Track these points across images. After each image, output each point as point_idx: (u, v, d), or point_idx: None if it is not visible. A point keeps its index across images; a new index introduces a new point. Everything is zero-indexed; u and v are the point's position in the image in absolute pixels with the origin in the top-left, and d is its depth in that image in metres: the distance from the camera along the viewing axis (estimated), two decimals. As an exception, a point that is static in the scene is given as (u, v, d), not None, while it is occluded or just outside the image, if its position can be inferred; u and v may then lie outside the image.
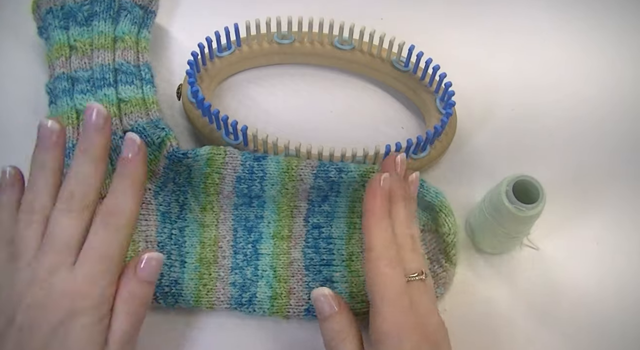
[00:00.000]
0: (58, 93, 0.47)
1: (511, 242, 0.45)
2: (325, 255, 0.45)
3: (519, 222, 0.40)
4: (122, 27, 0.49)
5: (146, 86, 0.48)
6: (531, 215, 0.39)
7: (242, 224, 0.46)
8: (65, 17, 0.49)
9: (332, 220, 0.46)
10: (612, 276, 0.46)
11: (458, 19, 0.57)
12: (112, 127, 0.43)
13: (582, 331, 0.44)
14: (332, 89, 0.53)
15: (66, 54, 0.48)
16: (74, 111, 0.46)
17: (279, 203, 0.46)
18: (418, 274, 0.38)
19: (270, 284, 0.44)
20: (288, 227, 0.46)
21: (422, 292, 0.37)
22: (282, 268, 0.45)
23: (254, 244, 0.45)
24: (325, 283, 0.44)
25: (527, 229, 0.43)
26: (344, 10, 0.51)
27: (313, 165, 0.45)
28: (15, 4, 0.54)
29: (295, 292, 0.44)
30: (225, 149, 0.45)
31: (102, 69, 0.47)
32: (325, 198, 0.46)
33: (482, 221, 0.43)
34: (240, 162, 0.45)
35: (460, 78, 0.48)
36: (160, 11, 0.53)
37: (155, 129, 0.45)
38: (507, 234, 0.42)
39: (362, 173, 0.44)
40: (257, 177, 0.45)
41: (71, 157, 0.39)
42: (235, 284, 0.44)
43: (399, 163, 0.42)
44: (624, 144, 0.51)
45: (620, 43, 0.56)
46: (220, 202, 0.46)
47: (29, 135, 0.48)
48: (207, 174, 0.45)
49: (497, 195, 0.40)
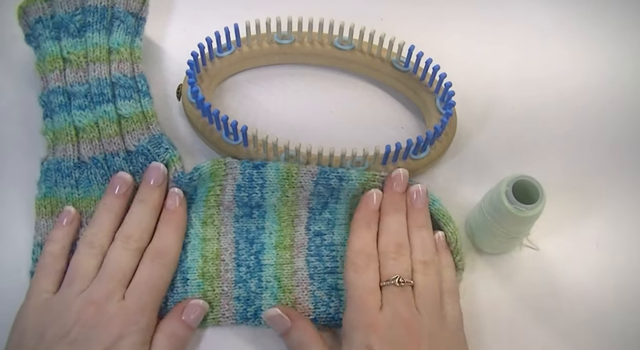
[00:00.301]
0: (54, 107, 0.47)
1: (511, 242, 0.45)
2: (329, 263, 0.45)
3: (519, 222, 0.40)
4: (117, 37, 0.48)
5: (144, 99, 0.48)
6: (531, 215, 0.39)
7: (244, 235, 0.45)
8: (57, 28, 0.48)
9: (333, 227, 0.46)
10: (612, 276, 0.46)
11: (458, 19, 0.57)
12: (115, 147, 0.46)
13: (581, 331, 0.44)
14: (332, 89, 0.53)
15: (60, 66, 0.47)
16: (72, 127, 0.46)
17: (280, 212, 0.46)
18: (396, 279, 0.40)
19: (275, 295, 0.44)
20: (290, 237, 0.45)
21: (396, 296, 0.40)
22: (287, 278, 0.44)
23: (257, 255, 0.45)
24: (331, 291, 0.44)
25: (527, 229, 0.43)
26: (344, 10, 0.51)
27: (313, 172, 0.45)
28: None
29: (301, 302, 0.44)
30: (224, 161, 0.45)
31: (100, 84, 0.47)
32: (325, 205, 0.46)
33: (482, 221, 0.43)
34: (240, 170, 0.45)
35: (460, 78, 0.49)
36: (160, 11, 0.53)
37: (158, 149, 0.46)
38: (506, 234, 0.42)
39: (363, 181, 0.45)
40: (257, 184, 0.45)
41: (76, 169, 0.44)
42: (239, 298, 0.44)
43: (401, 178, 0.44)
44: (625, 144, 0.51)
45: (621, 41, 0.56)
46: (220, 214, 0.46)
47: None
48: (210, 188, 0.45)
49: (497, 196, 0.40)
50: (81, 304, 0.39)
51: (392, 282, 0.40)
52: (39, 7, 0.48)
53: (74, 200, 0.45)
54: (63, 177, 0.45)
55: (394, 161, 0.46)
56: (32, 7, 0.48)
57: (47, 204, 0.45)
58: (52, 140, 0.47)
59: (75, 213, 0.44)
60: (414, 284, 0.41)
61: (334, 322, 0.43)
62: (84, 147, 0.46)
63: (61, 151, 0.46)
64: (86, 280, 0.41)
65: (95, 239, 0.42)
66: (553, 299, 0.45)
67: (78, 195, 0.45)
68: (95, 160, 0.45)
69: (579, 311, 0.45)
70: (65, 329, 0.38)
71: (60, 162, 0.46)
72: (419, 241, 0.43)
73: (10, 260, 0.45)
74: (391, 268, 0.41)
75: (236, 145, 0.46)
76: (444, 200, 0.47)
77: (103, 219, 0.43)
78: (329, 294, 0.44)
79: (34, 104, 0.49)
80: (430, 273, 0.41)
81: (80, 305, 0.39)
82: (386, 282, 0.40)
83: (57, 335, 0.38)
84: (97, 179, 0.45)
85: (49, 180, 0.46)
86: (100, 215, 0.44)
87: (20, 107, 0.51)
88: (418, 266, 0.41)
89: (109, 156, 0.46)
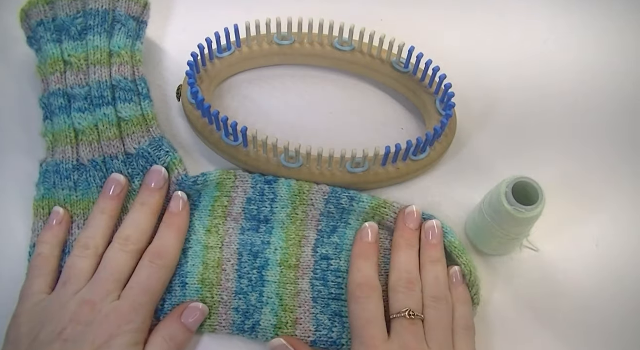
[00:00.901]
0: (54, 110, 0.47)
1: (511, 243, 0.45)
2: (334, 289, 0.44)
3: (519, 223, 0.40)
4: (118, 41, 0.48)
5: (144, 102, 0.48)
6: (531, 216, 0.39)
7: (248, 248, 0.45)
8: (58, 31, 0.48)
9: (341, 252, 0.45)
10: (611, 277, 0.46)
11: (458, 20, 0.57)
12: (114, 150, 0.46)
13: (581, 332, 0.44)
14: (332, 90, 0.53)
15: (61, 69, 0.47)
16: (72, 130, 0.46)
17: (288, 230, 0.45)
18: (407, 311, 0.40)
19: (275, 312, 0.43)
20: (296, 256, 0.45)
21: (406, 329, 0.39)
22: (289, 297, 0.44)
23: (260, 270, 0.44)
24: (334, 317, 0.43)
25: (527, 230, 0.43)
26: (344, 11, 0.51)
27: (325, 190, 0.45)
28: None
29: (302, 323, 0.43)
30: (235, 173, 0.45)
31: (100, 86, 0.47)
32: (334, 229, 0.45)
33: (482, 223, 0.43)
34: (251, 184, 0.45)
35: (460, 80, 0.49)
36: (160, 12, 0.53)
37: (159, 152, 0.46)
38: (507, 235, 0.42)
39: (374, 206, 0.45)
40: (267, 199, 0.45)
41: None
42: (238, 309, 0.43)
43: (414, 215, 0.44)
44: (624, 145, 0.51)
45: (621, 42, 0.56)
46: (226, 225, 0.45)
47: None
48: (217, 198, 0.45)
49: (497, 197, 0.40)
50: (77, 303, 0.40)
51: (402, 314, 0.40)
52: (41, 10, 0.48)
53: (72, 202, 0.45)
54: (62, 179, 0.45)
55: (394, 162, 0.46)
56: (34, 10, 0.48)
57: (45, 206, 0.45)
58: (51, 142, 0.47)
59: (65, 213, 0.44)
60: (425, 318, 0.40)
61: (336, 347, 0.43)
62: (84, 150, 0.46)
63: (60, 153, 0.46)
64: (81, 281, 0.41)
65: (89, 241, 0.42)
66: (553, 300, 0.45)
67: (76, 197, 0.45)
68: (95, 162, 0.45)
69: (578, 312, 0.45)
70: (60, 327, 0.39)
71: (59, 164, 0.46)
72: (432, 276, 0.42)
73: (10, 261, 0.45)
74: (402, 301, 0.41)
75: (236, 146, 0.46)
76: (443, 201, 0.48)
77: (97, 221, 0.43)
78: (332, 320, 0.43)
79: (35, 106, 0.49)
80: (441, 308, 0.41)
81: (75, 304, 0.40)
82: (396, 315, 0.40)
83: (52, 332, 0.38)
84: (96, 182, 0.45)
85: (48, 182, 0.46)
86: (94, 217, 0.44)
87: (21, 109, 0.51)
88: (429, 301, 0.41)
89: (108, 159, 0.46)
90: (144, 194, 0.45)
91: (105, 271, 0.41)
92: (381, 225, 0.45)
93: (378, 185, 0.47)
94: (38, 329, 0.39)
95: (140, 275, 0.42)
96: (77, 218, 0.45)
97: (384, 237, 0.45)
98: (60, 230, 0.44)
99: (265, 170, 0.47)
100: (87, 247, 0.42)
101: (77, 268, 0.41)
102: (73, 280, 0.41)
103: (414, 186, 0.49)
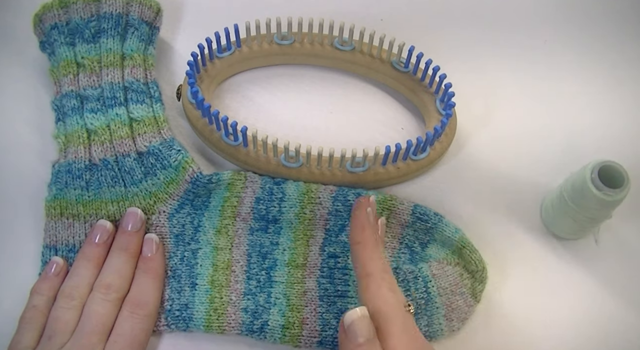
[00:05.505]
0: (67, 111, 0.47)
1: (589, 227, 0.45)
2: (340, 286, 0.44)
3: (605, 206, 0.41)
4: (130, 44, 0.49)
5: (156, 104, 0.48)
6: (617, 199, 0.40)
7: (257, 249, 0.45)
8: (71, 34, 0.48)
9: (348, 251, 0.45)
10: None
11: (458, 20, 0.57)
12: (126, 148, 0.46)
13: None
14: (332, 90, 0.53)
15: (74, 71, 0.48)
16: (84, 130, 0.46)
17: (296, 230, 0.45)
18: (409, 305, 0.37)
19: (283, 313, 0.43)
20: (303, 255, 0.45)
21: (414, 323, 0.37)
22: (296, 297, 0.44)
23: (268, 270, 0.45)
24: (340, 315, 0.43)
25: (610, 212, 0.44)
26: (344, 11, 0.51)
27: (332, 189, 0.45)
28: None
29: (308, 323, 0.43)
30: (245, 174, 0.46)
31: (112, 88, 0.47)
32: (342, 228, 0.45)
33: (562, 207, 0.44)
34: (260, 185, 0.46)
35: (460, 79, 0.49)
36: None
37: (170, 151, 0.46)
38: (590, 218, 0.43)
39: (380, 201, 0.45)
40: (276, 198, 0.45)
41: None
42: (247, 310, 0.43)
43: (373, 205, 0.42)
44: (627, 147, 0.51)
45: (622, 44, 0.56)
46: (235, 226, 0.46)
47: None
48: (226, 198, 0.45)
49: (581, 182, 0.41)
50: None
51: (408, 308, 0.38)
52: (55, 14, 0.49)
53: (84, 202, 0.45)
54: (73, 178, 0.45)
55: (394, 162, 0.46)
56: (48, 14, 0.49)
57: (57, 206, 0.45)
58: (63, 144, 0.47)
59: (64, 264, 0.44)
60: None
61: None
62: (95, 149, 0.46)
63: (72, 153, 0.46)
64: (66, 335, 0.40)
65: (74, 292, 0.42)
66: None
67: (88, 197, 0.45)
68: (106, 161, 0.46)
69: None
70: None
71: (71, 164, 0.46)
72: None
73: (20, 262, 0.46)
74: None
75: (236, 146, 0.46)
76: (443, 201, 0.47)
77: (82, 270, 0.43)
78: (338, 318, 0.43)
79: (47, 109, 0.49)
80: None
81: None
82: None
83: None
84: (107, 181, 0.45)
85: (59, 182, 0.46)
86: (79, 265, 0.43)
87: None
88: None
89: (120, 157, 0.46)
90: (121, 238, 0.44)
91: (89, 323, 0.40)
92: (390, 219, 0.46)
93: (378, 184, 0.47)
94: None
95: (123, 327, 0.41)
96: (89, 217, 0.45)
97: (394, 231, 0.46)
98: (58, 281, 0.43)
99: (265, 170, 0.47)
100: (72, 298, 0.41)
101: (62, 322, 0.40)
102: (58, 334, 0.40)
103: (414, 185, 0.49)
